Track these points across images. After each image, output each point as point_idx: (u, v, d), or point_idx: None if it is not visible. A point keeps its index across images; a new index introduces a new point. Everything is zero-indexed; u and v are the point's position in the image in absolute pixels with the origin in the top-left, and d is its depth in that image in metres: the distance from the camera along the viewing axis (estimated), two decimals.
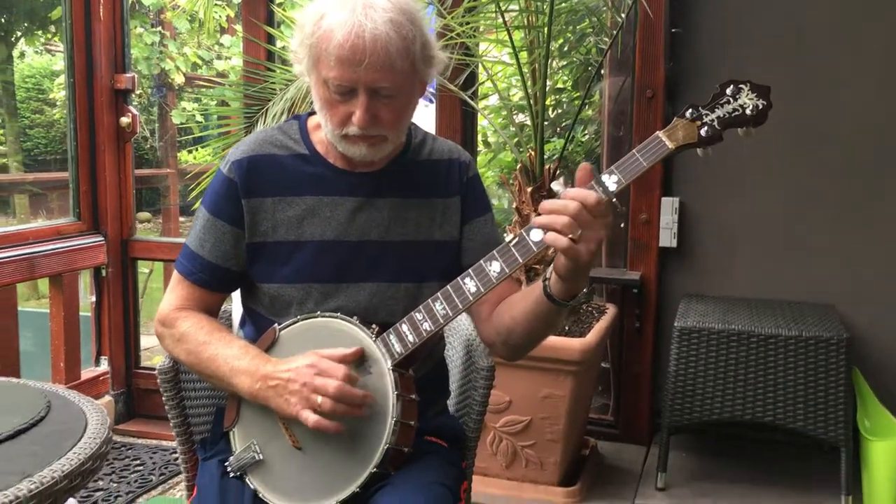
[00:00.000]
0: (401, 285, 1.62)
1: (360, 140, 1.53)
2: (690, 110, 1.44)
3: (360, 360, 1.51)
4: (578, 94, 3.87)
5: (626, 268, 3.19)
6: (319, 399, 1.43)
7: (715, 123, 1.43)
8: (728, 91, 1.44)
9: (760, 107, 1.43)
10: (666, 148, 1.42)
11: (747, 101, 1.43)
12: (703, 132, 1.43)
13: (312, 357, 1.48)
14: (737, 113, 1.43)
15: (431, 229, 1.66)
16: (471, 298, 1.47)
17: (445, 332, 1.88)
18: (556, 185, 1.51)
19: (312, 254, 1.60)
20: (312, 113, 1.70)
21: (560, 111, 4.08)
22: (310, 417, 1.44)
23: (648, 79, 3.06)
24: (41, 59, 8.81)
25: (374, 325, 1.52)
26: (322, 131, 1.61)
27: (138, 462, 3.21)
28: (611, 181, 1.41)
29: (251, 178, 1.60)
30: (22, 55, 8.47)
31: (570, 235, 1.35)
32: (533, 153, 2.83)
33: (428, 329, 1.49)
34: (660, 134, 1.43)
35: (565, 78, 4.10)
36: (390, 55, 1.46)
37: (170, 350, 1.66)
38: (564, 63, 4.02)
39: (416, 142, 1.69)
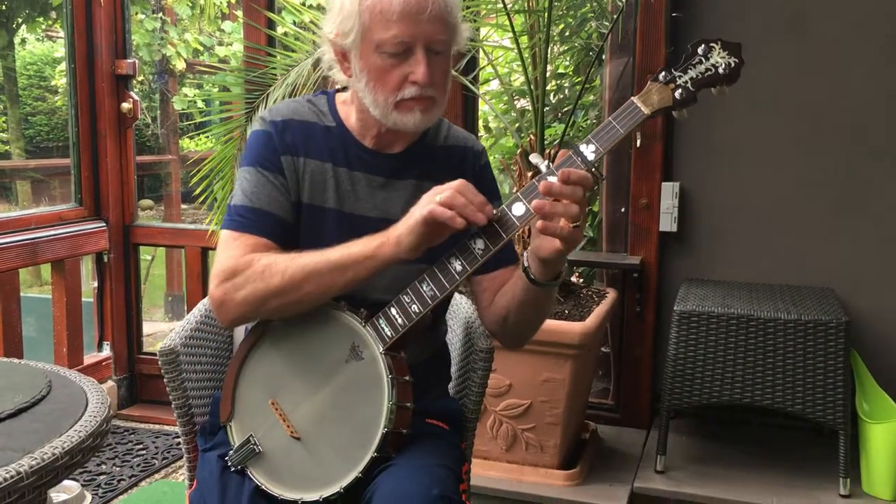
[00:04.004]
0: (414, 266, 1.63)
1: (415, 104, 1.53)
2: (663, 73, 1.43)
3: (352, 346, 1.51)
4: (579, 78, 3.86)
5: (626, 252, 3.19)
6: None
7: (689, 85, 1.42)
8: (700, 51, 1.43)
9: (733, 65, 1.42)
10: (641, 113, 1.42)
11: (719, 59, 1.43)
12: (677, 94, 1.42)
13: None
14: (710, 72, 1.43)
15: None
16: (457, 277, 1.46)
17: (447, 315, 1.89)
18: (535, 158, 1.51)
19: (332, 222, 1.61)
20: (340, 90, 1.71)
21: (561, 96, 4.07)
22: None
23: (649, 63, 3.05)
24: (42, 46, 8.79)
25: (362, 310, 1.51)
26: (355, 110, 1.62)
27: (141, 446, 3.23)
28: (588, 150, 1.41)
29: (284, 138, 1.61)
30: (23, 42, 8.46)
31: (572, 223, 1.37)
32: (534, 138, 2.83)
33: (416, 311, 1.48)
34: (634, 99, 1.43)
35: (566, 63, 4.08)
36: (448, 4, 1.50)
37: (251, 294, 1.48)
38: (565, 48, 4.01)
39: (433, 126, 1.69)
